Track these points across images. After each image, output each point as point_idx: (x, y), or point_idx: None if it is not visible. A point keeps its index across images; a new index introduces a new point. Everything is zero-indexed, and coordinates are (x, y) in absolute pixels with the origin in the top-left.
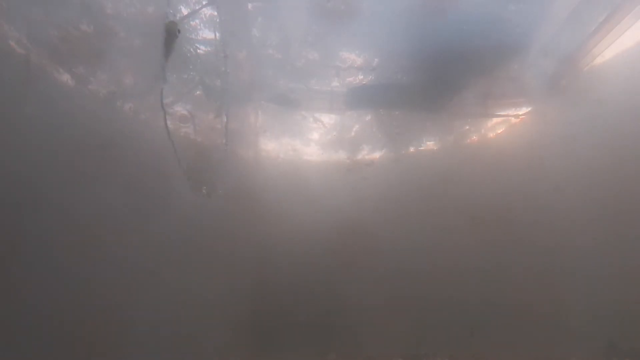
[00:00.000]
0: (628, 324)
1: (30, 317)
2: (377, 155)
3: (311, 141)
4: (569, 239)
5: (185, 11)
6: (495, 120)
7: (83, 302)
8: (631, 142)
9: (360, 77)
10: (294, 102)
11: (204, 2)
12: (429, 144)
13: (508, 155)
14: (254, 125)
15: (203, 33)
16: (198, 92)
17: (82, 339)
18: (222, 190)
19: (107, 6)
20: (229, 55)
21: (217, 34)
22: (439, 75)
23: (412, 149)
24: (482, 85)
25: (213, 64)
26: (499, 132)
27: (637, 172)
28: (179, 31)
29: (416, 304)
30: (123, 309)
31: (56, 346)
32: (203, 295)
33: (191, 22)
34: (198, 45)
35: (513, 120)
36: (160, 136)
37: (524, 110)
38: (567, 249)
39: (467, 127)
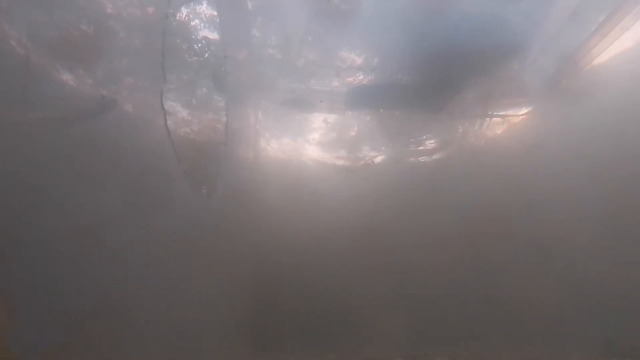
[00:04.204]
0: (628, 323)
1: (31, 316)
2: (377, 155)
3: (311, 141)
4: (569, 238)
5: (185, 11)
6: (495, 120)
7: (83, 301)
8: (631, 142)
9: (360, 77)
10: (302, 104)
11: (203, 2)
12: (429, 144)
13: (508, 155)
14: (254, 125)
15: (203, 33)
16: (198, 92)
17: (82, 337)
18: (222, 190)
19: (107, 6)
20: (229, 55)
21: (217, 34)
22: (439, 75)
23: (412, 149)
24: (482, 85)
25: (213, 64)
26: (499, 132)
27: (637, 171)
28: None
29: (416, 303)
30: (122, 308)
31: (57, 345)
32: (202, 295)
33: (191, 22)
34: (198, 45)
35: (513, 120)
36: (160, 136)
37: (524, 110)
38: (567, 248)
39: (467, 127)
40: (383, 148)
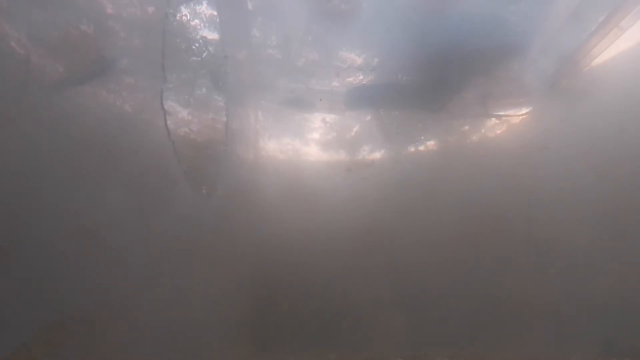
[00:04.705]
0: (628, 323)
1: (30, 316)
2: (377, 155)
3: (311, 141)
4: (569, 238)
5: (185, 11)
6: (495, 120)
7: (83, 300)
8: (631, 142)
9: (360, 77)
10: (302, 103)
11: (203, 2)
12: (429, 144)
13: (508, 155)
14: (254, 125)
15: (203, 33)
16: (198, 92)
17: (83, 336)
18: (222, 190)
19: (107, 6)
20: (229, 55)
21: (217, 34)
22: (439, 75)
23: (412, 149)
24: (482, 85)
25: (213, 64)
26: (499, 132)
27: (637, 171)
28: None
29: (416, 303)
30: (123, 307)
31: (57, 344)
32: (203, 296)
33: (191, 22)
34: (198, 46)
35: (513, 120)
36: (160, 136)
37: (524, 110)
38: (566, 248)
39: (467, 127)
40: (383, 148)
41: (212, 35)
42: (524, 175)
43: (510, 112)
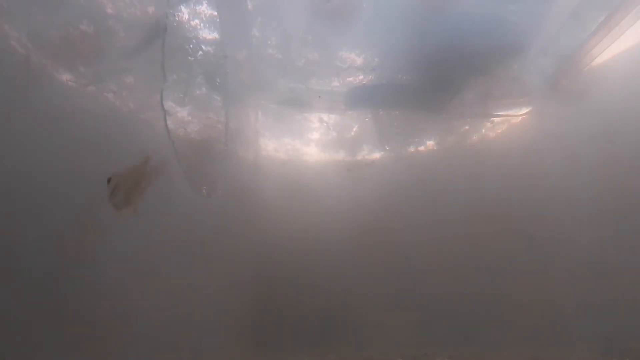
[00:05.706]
0: (627, 323)
1: (30, 316)
2: (377, 155)
3: (311, 141)
4: (569, 237)
5: (185, 11)
6: (495, 120)
7: (82, 300)
8: (630, 142)
9: (360, 77)
10: (302, 103)
11: (203, 2)
12: (429, 144)
13: (508, 155)
14: (253, 125)
15: (203, 33)
16: (198, 92)
17: (81, 337)
18: (222, 190)
19: (107, 6)
20: (229, 55)
21: (217, 34)
22: (439, 75)
23: (412, 149)
24: (482, 85)
25: (213, 64)
26: (499, 132)
27: (637, 170)
28: None
29: (416, 303)
30: (122, 307)
31: (56, 344)
32: (203, 295)
33: (191, 22)
34: (198, 46)
35: (513, 120)
36: (160, 136)
37: (524, 110)
38: (567, 247)
39: (467, 127)
40: (383, 148)
41: (212, 35)
42: (524, 175)
43: (510, 112)
